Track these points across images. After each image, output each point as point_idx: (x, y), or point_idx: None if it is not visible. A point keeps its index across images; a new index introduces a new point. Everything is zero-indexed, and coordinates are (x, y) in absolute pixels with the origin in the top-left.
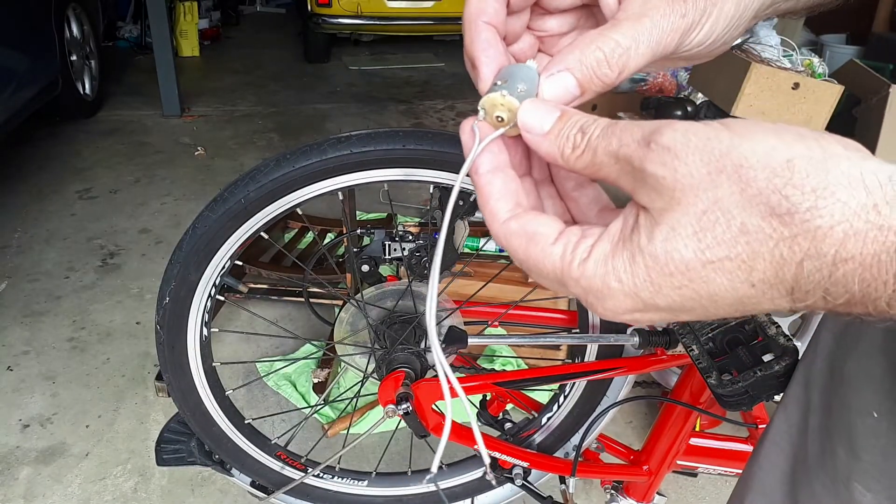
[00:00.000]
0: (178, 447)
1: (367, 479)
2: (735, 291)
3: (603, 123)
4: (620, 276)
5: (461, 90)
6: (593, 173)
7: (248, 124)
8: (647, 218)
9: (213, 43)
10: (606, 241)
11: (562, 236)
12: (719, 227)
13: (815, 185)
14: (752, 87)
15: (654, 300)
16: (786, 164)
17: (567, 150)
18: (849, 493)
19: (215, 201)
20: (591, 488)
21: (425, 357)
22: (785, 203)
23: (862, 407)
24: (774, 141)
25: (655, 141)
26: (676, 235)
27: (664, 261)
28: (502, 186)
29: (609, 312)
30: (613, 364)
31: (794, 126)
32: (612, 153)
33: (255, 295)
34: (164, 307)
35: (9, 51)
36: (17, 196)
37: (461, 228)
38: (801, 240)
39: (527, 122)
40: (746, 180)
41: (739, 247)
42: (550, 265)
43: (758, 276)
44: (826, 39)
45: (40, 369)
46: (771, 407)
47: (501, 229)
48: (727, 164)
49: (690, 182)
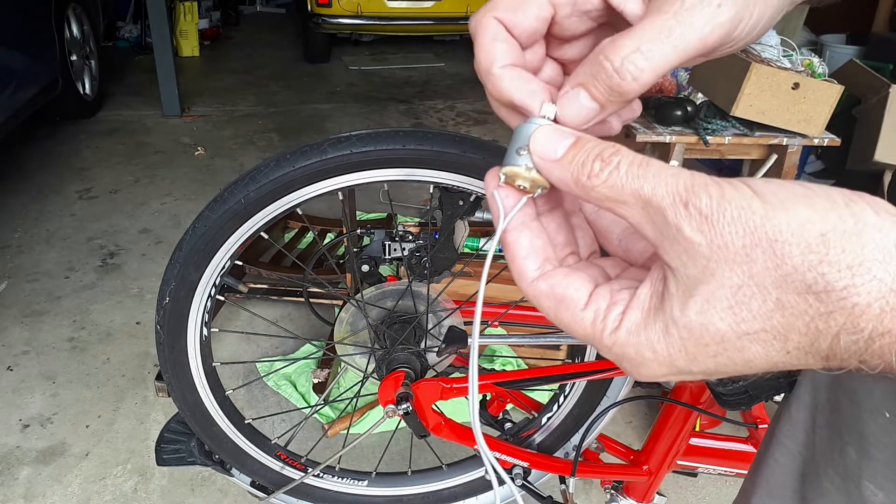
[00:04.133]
0: (178, 447)
1: (367, 479)
2: (770, 358)
3: (629, 157)
4: (654, 347)
5: (461, 90)
6: (611, 208)
7: (248, 124)
8: (677, 286)
9: (213, 43)
10: (637, 309)
11: (591, 301)
12: (755, 302)
13: (851, 261)
14: (752, 87)
15: (689, 367)
16: (820, 238)
17: (583, 177)
18: (859, 492)
19: (215, 201)
20: (591, 488)
21: (425, 357)
22: (821, 281)
23: (873, 407)
24: (807, 212)
25: (693, 203)
26: (711, 308)
27: (699, 333)
28: (528, 244)
29: (644, 377)
30: (613, 364)
31: (824, 188)
32: (643, 198)
33: (255, 295)
34: (164, 307)
35: (9, 51)
36: (17, 196)
37: (461, 228)
38: (838, 315)
39: (538, 149)
40: (781, 256)
41: (775, 320)
42: (582, 331)
43: (793, 345)
44: (826, 39)
45: (40, 369)
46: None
47: (530, 289)
48: (762, 237)
49: (725, 255)
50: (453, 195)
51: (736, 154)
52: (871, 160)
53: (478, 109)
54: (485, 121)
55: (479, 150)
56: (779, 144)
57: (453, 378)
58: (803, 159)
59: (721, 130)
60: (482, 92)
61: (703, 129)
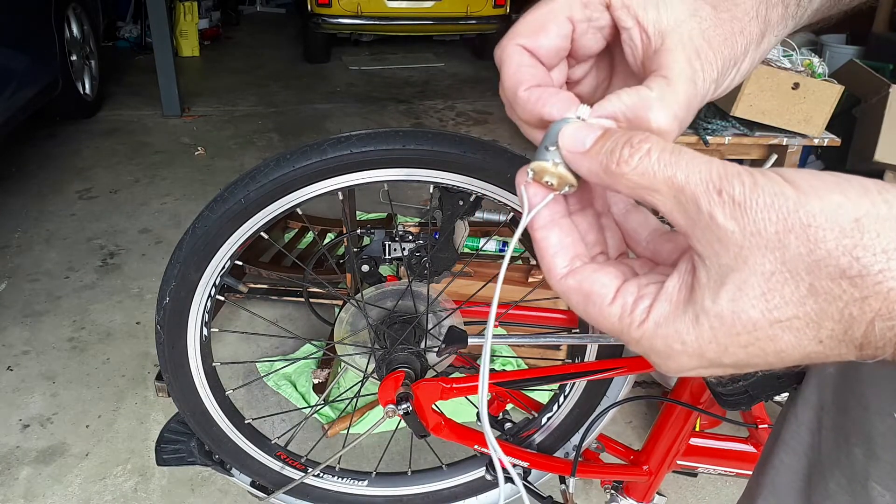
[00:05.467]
0: (178, 447)
1: (367, 479)
2: (802, 348)
3: (660, 144)
4: (684, 339)
5: (461, 90)
6: (642, 196)
7: (248, 124)
8: (708, 276)
9: (213, 43)
10: (665, 301)
11: (618, 296)
12: (788, 288)
13: (886, 245)
14: (752, 86)
15: (720, 358)
16: (854, 223)
17: (612, 164)
18: (866, 493)
19: (215, 201)
20: (591, 488)
21: (425, 357)
22: (856, 265)
23: (881, 408)
24: (840, 198)
25: (726, 191)
26: (744, 296)
27: (731, 322)
28: (558, 241)
29: (673, 371)
30: (613, 364)
31: (855, 177)
32: (676, 186)
33: (255, 295)
34: (164, 307)
35: (9, 51)
36: (17, 196)
37: (461, 228)
38: (873, 301)
39: (567, 143)
40: (815, 241)
41: (808, 306)
42: (609, 325)
43: (826, 334)
44: (826, 39)
45: (40, 369)
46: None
47: (559, 285)
48: (795, 223)
49: (758, 242)
50: (453, 195)
51: (736, 154)
52: (871, 160)
53: (478, 109)
54: (485, 121)
55: (479, 150)
56: (779, 144)
57: (453, 378)
58: (803, 159)
59: (721, 130)
60: (482, 92)
61: (703, 130)
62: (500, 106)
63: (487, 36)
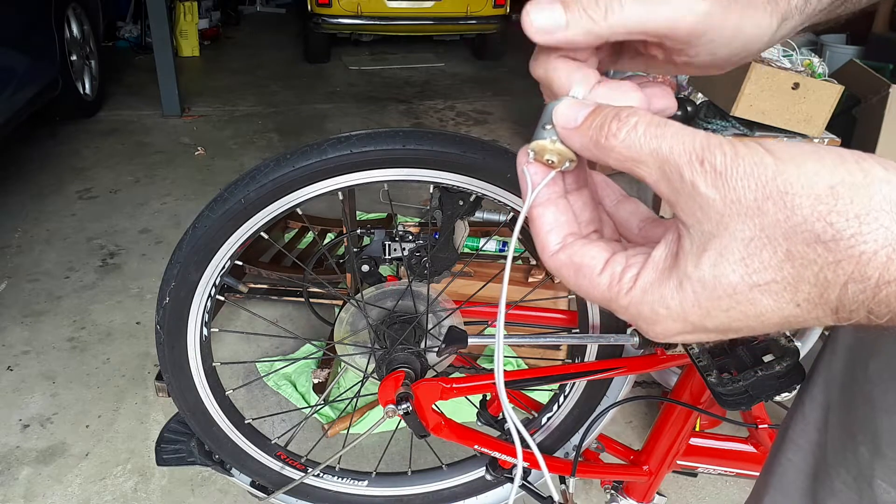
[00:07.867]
0: (178, 447)
1: (367, 479)
2: (781, 311)
3: (646, 117)
4: (668, 303)
5: (461, 90)
6: (629, 168)
7: (248, 124)
8: (692, 243)
9: (213, 43)
10: (651, 269)
11: (607, 266)
12: (766, 253)
13: (859, 211)
14: (752, 87)
15: (703, 322)
16: (829, 190)
17: (601, 138)
18: (871, 491)
19: (215, 201)
20: (591, 488)
21: (425, 357)
22: (830, 230)
23: (888, 405)
24: (816, 166)
25: (708, 160)
26: (724, 261)
27: (712, 286)
28: (553, 219)
29: (659, 336)
30: (613, 364)
31: (834, 147)
32: (660, 157)
33: (255, 295)
34: (164, 307)
35: (9, 51)
36: (17, 196)
37: (461, 228)
38: (846, 264)
39: (560, 119)
40: (792, 207)
41: (785, 271)
42: (599, 294)
43: (803, 297)
44: (826, 39)
45: (40, 369)
46: (772, 407)
47: (551, 261)
48: (773, 190)
49: (738, 209)
50: (453, 195)
51: None
52: None
53: (478, 109)
54: (485, 121)
55: (479, 150)
56: None
57: (453, 378)
58: None
59: (721, 130)
60: (482, 92)
61: (704, 130)
62: (500, 106)
63: (487, 36)
